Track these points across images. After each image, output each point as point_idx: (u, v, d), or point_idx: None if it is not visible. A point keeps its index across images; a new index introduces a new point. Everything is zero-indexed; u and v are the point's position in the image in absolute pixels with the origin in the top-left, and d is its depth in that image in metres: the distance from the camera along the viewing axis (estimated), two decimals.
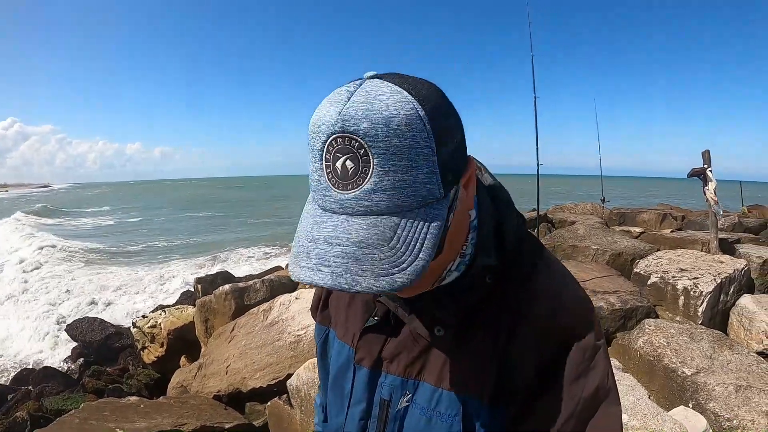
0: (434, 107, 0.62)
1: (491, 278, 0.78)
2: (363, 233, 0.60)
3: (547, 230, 8.63)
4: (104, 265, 18.78)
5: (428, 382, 0.79)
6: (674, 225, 10.01)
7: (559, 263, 0.86)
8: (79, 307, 12.03)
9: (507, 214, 0.82)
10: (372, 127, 0.58)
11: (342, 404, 0.91)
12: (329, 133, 0.60)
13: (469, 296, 0.77)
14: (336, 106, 0.60)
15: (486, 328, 0.77)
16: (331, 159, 0.61)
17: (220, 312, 6.28)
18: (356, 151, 0.59)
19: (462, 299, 0.77)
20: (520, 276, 0.79)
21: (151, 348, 7.12)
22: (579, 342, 0.74)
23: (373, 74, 0.65)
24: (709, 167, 6.18)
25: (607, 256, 6.31)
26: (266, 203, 57.07)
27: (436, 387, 0.78)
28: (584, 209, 12.43)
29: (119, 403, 4.34)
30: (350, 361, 0.90)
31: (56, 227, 32.45)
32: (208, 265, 17.89)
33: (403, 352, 0.82)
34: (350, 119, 0.59)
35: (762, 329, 4.36)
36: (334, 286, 0.58)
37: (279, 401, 4.29)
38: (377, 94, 0.60)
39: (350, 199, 0.61)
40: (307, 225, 0.65)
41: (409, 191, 0.60)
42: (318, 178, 0.63)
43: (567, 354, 0.73)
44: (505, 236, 0.80)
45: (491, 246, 0.78)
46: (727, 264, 5.25)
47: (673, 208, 13.21)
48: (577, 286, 0.82)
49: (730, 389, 3.41)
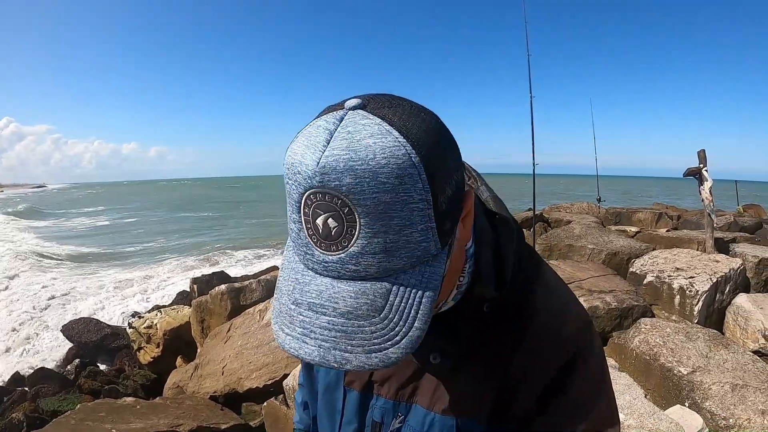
0: (430, 150, 0.53)
1: (488, 308, 0.74)
2: (351, 302, 0.54)
3: (543, 230, 8.63)
4: (99, 266, 18.75)
5: (421, 405, 0.77)
6: (670, 224, 10.02)
7: (556, 279, 0.82)
8: (74, 309, 12.00)
9: (506, 235, 0.75)
10: (357, 182, 0.50)
11: (333, 419, 0.89)
12: (307, 186, 0.52)
13: (467, 321, 0.74)
14: (313, 151, 0.52)
15: (483, 354, 0.75)
16: (311, 215, 0.53)
17: (216, 312, 6.27)
18: (339, 209, 0.51)
19: (460, 324, 0.74)
20: (517, 301, 0.75)
21: (147, 348, 7.11)
22: (584, 365, 0.72)
23: (355, 102, 0.55)
24: (704, 166, 6.19)
25: (603, 256, 6.31)
26: (262, 203, 56.97)
27: (428, 410, 0.76)
28: (580, 209, 12.44)
29: (115, 403, 4.34)
30: (339, 380, 0.87)
31: (42, 229, 32.46)
32: (203, 265, 17.86)
33: (394, 375, 0.80)
34: (330, 172, 0.50)
35: (758, 328, 4.38)
36: (321, 363, 0.53)
37: (275, 401, 4.28)
38: (362, 137, 0.51)
39: (335, 261, 0.54)
40: (288, 281, 0.60)
41: (402, 253, 0.53)
42: (298, 231, 0.57)
43: (571, 377, 0.71)
44: (505, 265, 0.74)
45: (491, 275, 0.73)
46: (722, 263, 5.26)
47: (668, 208, 13.23)
48: (577, 305, 0.79)
49: (726, 388, 3.41)
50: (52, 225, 36.00)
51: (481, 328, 0.75)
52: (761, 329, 4.33)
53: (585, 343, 0.74)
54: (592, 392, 0.73)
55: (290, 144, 0.56)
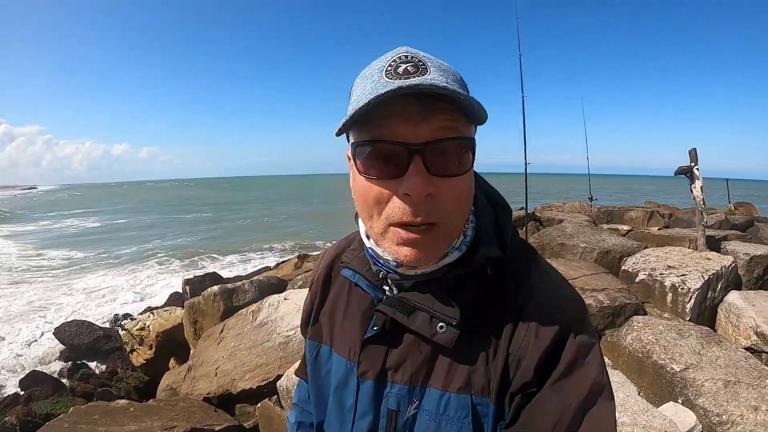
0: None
1: (492, 270, 0.80)
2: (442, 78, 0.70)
3: (535, 229, 8.66)
4: (90, 268, 18.67)
5: (435, 388, 0.79)
6: (661, 222, 10.08)
7: (552, 267, 0.87)
8: (65, 312, 11.94)
9: (504, 216, 0.85)
10: (428, 57, 0.72)
11: (344, 419, 0.89)
12: (393, 55, 0.72)
13: (470, 290, 0.78)
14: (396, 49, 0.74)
15: (487, 327, 0.77)
16: (393, 68, 0.70)
17: (209, 313, 6.24)
18: (417, 63, 0.70)
19: (463, 294, 0.78)
20: (517, 273, 0.80)
21: (140, 350, 7.07)
22: (575, 339, 0.75)
23: None
24: (696, 165, 6.22)
25: (595, 254, 6.34)
26: (253, 204, 56.92)
27: (443, 391, 0.78)
28: (572, 207, 12.48)
29: (108, 406, 4.31)
30: (349, 374, 0.88)
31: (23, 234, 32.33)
32: (196, 266, 17.84)
33: (407, 360, 0.81)
34: (412, 50, 0.73)
35: (750, 325, 4.40)
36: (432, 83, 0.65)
37: (269, 402, 4.27)
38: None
39: (417, 81, 0.66)
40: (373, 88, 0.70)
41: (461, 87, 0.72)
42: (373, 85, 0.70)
43: (563, 350, 0.74)
44: (504, 232, 0.82)
45: (493, 239, 0.81)
46: (714, 261, 5.29)
47: (660, 206, 13.31)
48: (570, 287, 0.83)
49: (718, 385, 3.43)
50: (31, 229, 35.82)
51: (484, 297, 0.79)
52: (753, 326, 4.36)
53: (580, 318, 0.78)
54: (586, 365, 0.75)
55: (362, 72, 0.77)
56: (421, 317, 0.78)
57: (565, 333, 0.75)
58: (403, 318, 0.80)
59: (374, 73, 0.71)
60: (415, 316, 0.79)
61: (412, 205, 0.69)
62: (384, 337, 0.84)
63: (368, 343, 0.85)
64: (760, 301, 4.67)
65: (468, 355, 0.77)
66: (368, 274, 0.87)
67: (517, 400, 0.74)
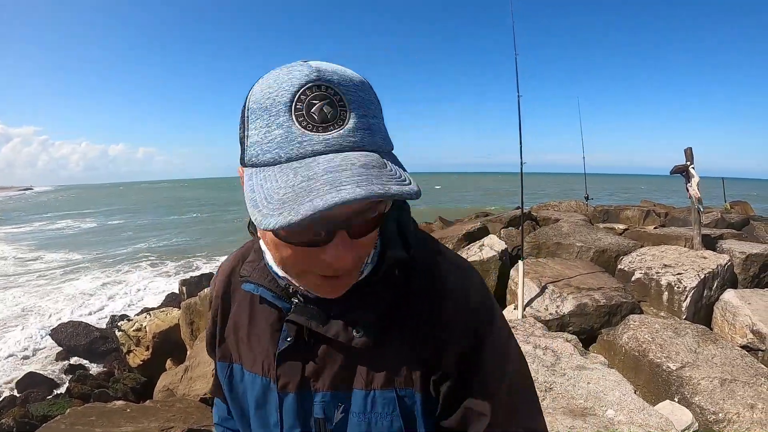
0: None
1: (400, 272, 0.79)
2: (363, 159, 0.59)
3: (532, 228, 8.65)
4: (86, 269, 18.63)
5: (359, 388, 0.78)
6: (657, 222, 10.09)
7: (456, 255, 0.88)
8: (60, 313, 11.91)
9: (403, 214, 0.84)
10: (342, 80, 0.63)
11: None
12: (304, 82, 0.61)
13: (382, 293, 0.78)
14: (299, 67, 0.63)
15: (402, 324, 0.78)
16: (304, 107, 0.61)
17: (206, 314, 6.23)
18: (332, 97, 0.61)
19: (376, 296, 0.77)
20: (424, 269, 0.81)
21: (137, 351, 7.07)
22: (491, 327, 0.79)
23: None
24: (691, 164, 6.24)
25: (591, 253, 6.35)
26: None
27: (368, 391, 0.77)
28: (568, 207, 12.49)
29: (105, 407, 4.30)
30: (267, 391, 0.86)
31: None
32: (192, 267, 17.81)
33: (327, 367, 0.80)
34: (323, 70, 0.62)
35: (746, 323, 4.42)
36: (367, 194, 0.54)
37: None
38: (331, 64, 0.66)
39: (336, 137, 0.60)
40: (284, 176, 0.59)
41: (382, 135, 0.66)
42: (285, 134, 0.61)
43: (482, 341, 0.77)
44: (407, 232, 0.82)
45: (397, 241, 0.80)
46: (710, 260, 5.31)
47: (656, 205, 13.32)
48: (473, 272, 0.85)
49: (715, 383, 3.45)
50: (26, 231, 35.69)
51: (396, 299, 0.79)
52: (749, 324, 4.38)
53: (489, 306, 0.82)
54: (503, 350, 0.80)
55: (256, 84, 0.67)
56: (336, 324, 0.77)
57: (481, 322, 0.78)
58: (319, 327, 0.78)
59: (280, 111, 0.61)
60: (329, 325, 0.78)
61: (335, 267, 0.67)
62: (298, 348, 0.82)
63: (283, 355, 0.83)
64: (755, 300, 4.68)
65: (388, 353, 0.77)
66: (272, 286, 0.83)
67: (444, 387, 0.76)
